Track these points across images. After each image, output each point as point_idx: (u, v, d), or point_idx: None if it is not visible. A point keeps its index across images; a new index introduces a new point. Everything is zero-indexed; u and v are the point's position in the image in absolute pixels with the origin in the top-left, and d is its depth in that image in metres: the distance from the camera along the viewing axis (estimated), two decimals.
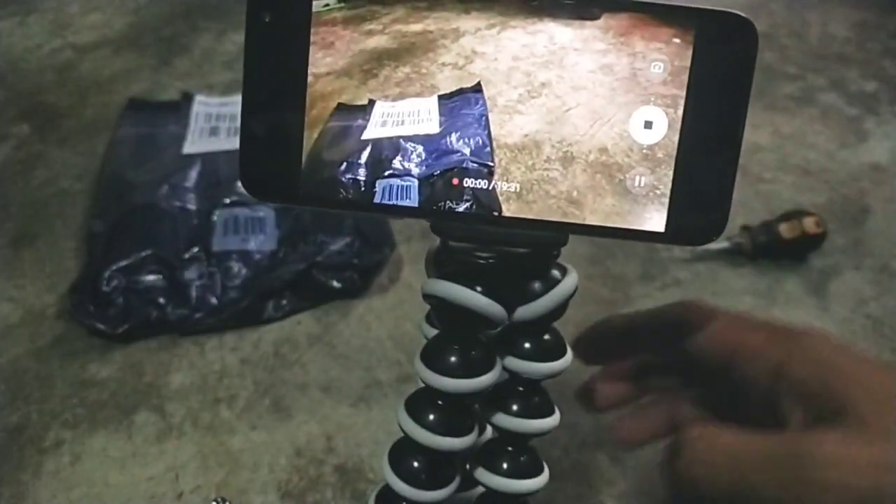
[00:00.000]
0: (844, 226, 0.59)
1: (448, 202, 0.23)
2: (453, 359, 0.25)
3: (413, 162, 0.24)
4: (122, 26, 0.85)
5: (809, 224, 0.55)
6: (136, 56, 0.80)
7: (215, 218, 0.56)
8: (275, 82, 0.23)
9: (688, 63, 0.22)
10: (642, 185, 0.23)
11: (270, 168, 0.23)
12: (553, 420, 0.27)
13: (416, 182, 0.24)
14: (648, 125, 0.22)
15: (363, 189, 0.24)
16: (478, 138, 0.23)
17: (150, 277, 0.52)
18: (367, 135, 0.24)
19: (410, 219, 0.24)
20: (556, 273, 0.26)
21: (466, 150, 0.24)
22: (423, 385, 0.27)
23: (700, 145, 0.22)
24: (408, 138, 0.24)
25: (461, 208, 0.23)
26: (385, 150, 0.24)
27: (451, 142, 0.24)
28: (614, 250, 0.57)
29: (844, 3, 0.86)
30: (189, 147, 0.64)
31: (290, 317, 0.52)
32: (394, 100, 0.23)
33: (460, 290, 0.24)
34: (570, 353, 0.27)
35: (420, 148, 0.24)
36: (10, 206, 0.62)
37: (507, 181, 0.23)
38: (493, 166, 0.23)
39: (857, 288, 0.55)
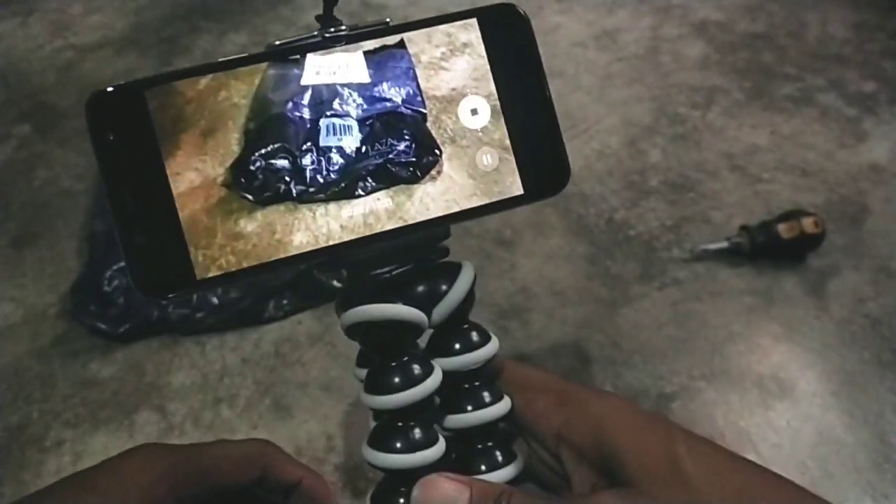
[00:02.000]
0: (843, 226, 0.59)
1: (389, 140, 0.26)
2: (396, 375, 0.26)
3: (351, 105, 0.26)
4: (123, 27, 0.85)
5: (808, 224, 0.55)
6: (137, 56, 0.80)
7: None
8: (139, 187, 0.23)
9: (483, 53, 0.26)
10: (490, 162, 0.25)
11: (164, 265, 0.23)
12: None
13: (355, 123, 0.26)
14: (475, 112, 0.26)
15: (308, 127, 0.25)
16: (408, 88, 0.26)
17: None
18: (305, 81, 0.26)
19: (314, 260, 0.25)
20: (454, 270, 0.27)
21: (398, 99, 0.26)
22: (374, 423, 0.27)
23: (521, 114, 0.26)
24: (343, 85, 0.26)
25: (401, 146, 0.26)
26: (324, 94, 0.26)
27: (383, 90, 0.26)
28: (613, 250, 0.57)
29: (843, 4, 0.86)
30: None
31: (290, 316, 0.53)
32: (322, 54, 0.26)
33: (381, 306, 0.25)
34: (495, 339, 0.28)
35: (355, 94, 0.26)
36: (11, 206, 0.62)
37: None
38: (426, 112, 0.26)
39: (856, 288, 0.55)
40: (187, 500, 0.25)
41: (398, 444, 0.26)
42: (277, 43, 0.25)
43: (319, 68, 0.26)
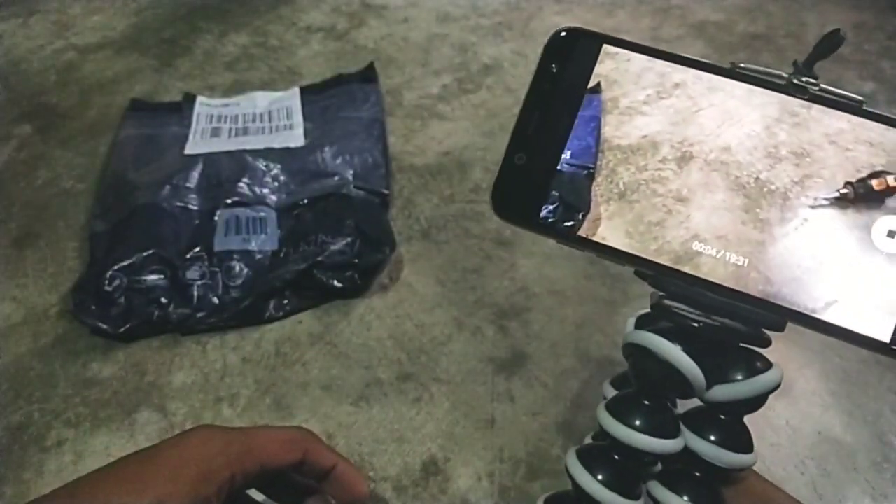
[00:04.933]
0: None
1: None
2: (645, 415, 0.25)
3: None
4: (123, 27, 0.85)
5: None
6: (137, 57, 0.80)
7: (217, 218, 0.57)
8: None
9: None
10: (882, 293, 0.22)
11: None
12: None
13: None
14: (892, 234, 0.23)
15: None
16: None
17: (152, 277, 0.52)
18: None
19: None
20: (759, 364, 0.26)
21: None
22: (592, 441, 0.27)
23: None
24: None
25: (548, 209, 0.25)
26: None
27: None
28: None
29: (842, 5, 0.86)
30: (191, 148, 0.64)
31: (291, 316, 0.53)
32: None
33: (669, 346, 0.24)
34: (755, 454, 0.26)
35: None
36: (12, 207, 0.62)
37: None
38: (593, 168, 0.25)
39: None
40: (238, 476, 0.27)
41: (600, 475, 0.25)
42: (742, 66, 0.24)
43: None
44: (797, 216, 0.23)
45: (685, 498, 0.25)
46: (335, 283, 0.53)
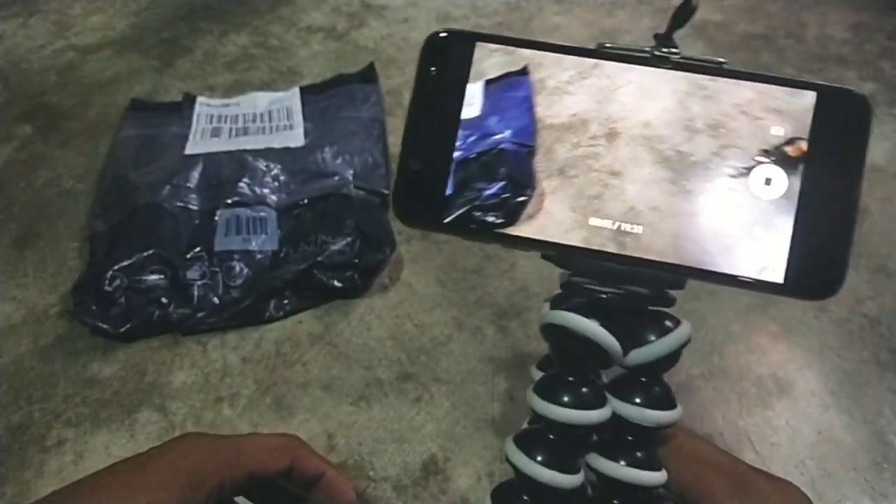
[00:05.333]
0: None
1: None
2: (568, 391, 0.26)
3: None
4: (124, 28, 0.85)
5: None
6: (138, 57, 0.80)
7: (217, 218, 0.57)
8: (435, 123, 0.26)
9: (807, 131, 0.24)
10: (761, 236, 0.24)
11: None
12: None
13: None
14: (768, 182, 0.24)
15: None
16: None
17: (153, 277, 0.52)
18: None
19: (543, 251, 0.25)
20: (670, 323, 0.26)
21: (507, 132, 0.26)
22: (527, 426, 0.27)
23: (819, 203, 0.24)
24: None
25: (493, 189, 0.25)
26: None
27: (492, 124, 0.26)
28: None
29: (842, 5, 0.86)
30: (191, 148, 0.64)
31: (291, 316, 0.53)
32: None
33: (582, 320, 0.25)
34: (679, 408, 0.27)
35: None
36: (12, 207, 0.62)
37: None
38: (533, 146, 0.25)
39: (855, 288, 0.55)
40: (227, 483, 0.27)
41: (539, 455, 0.26)
42: (608, 45, 0.25)
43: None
44: (710, 183, 0.25)
45: (622, 462, 0.26)
46: (335, 283, 0.53)
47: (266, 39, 0.83)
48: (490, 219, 0.25)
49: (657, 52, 0.25)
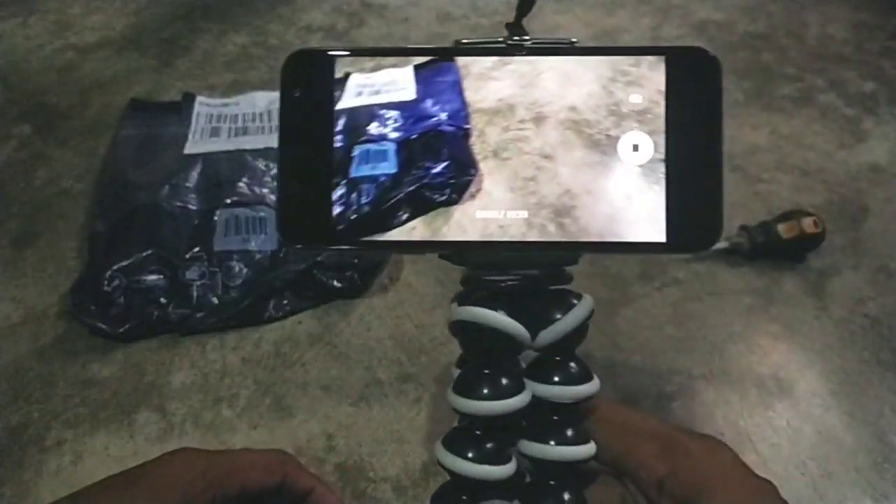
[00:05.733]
0: (843, 226, 0.59)
1: (426, 163, 0.25)
2: (485, 384, 0.26)
3: (389, 127, 0.26)
4: (123, 27, 0.85)
5: (808, 224, 0.55)
6: (137, 57, 0.80)
7: (216, 218, 0.56)
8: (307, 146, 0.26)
9: (662, 92, 0.25)
10: (639, 201, 0.25)
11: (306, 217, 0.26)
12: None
13: (392, 146, 0.26)
14: (636, 148, 0.25)
15: (342, 155, 0.25)
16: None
17: (152, 277, 0.52)
18: (342, 105, 0.26)
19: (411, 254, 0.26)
20: (573, 299, 0.27)
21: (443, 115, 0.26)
22: (455, 425, 0.27)
23: (685, 161, 0.25)
24: (382, 105, 0.26)
25: (438, 168, 0.25)
26: (360, 118, 0.25)
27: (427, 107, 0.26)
28: None
29: (843, 4, 0.86)
30: (190, 147, 0.64)
31: (290, 316, 0.53)
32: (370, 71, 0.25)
33: (486, 312, 0.25)
34: (597, 380, 0.27)
35: (396, 114, 0.26)
36: (11, 206, 0.62)
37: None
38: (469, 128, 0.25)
39: (856, 288, 0.55)
40: (218, 499, 0.27)
41: (469, 453, 0.26)
42: (465, 41, 0.25)
43: (362, 88, 0.26)
44: (583, 155, 0.25)
45: (552, 443, 0.26)
46: (335, 283, 0.53)
47: (265, 39, 0.83)
48: (437, 197, 0.25)
49: (510, 42, 0.25)
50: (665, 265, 0.57)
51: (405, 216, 0.25)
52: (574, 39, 0.26)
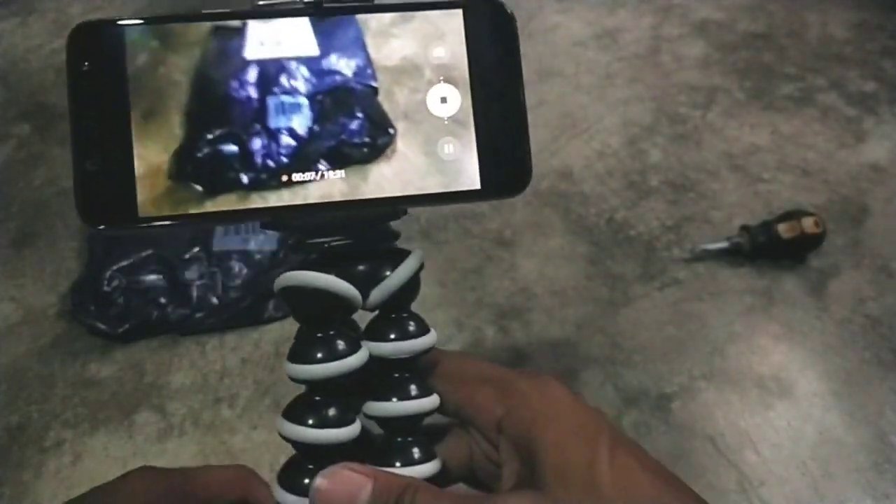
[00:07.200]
0: (843, 226, 0.59)
1: (342, 119, 0.25)
2: (319, 347, 0.25)
3: (299, 81, 0.25)
4: None
5: (808, 224, 0.55)
6: None
7: None
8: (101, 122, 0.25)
9: (463, 44, 0.26)
10: (451, 152, 0.25)
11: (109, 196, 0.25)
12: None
13: (305, 101, 0.25)
14: (444, 100, 0.25)
15: (256, 107, 0.25)
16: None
17: (151, 277, 0.52)
18: (249, 54, 0.25)
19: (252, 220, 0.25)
20: (401, 256, 0.27)
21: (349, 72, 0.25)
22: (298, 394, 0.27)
23: (491, 110, 0.26)
24: (290, 59, 0.25)
25: (354, 125, 0.25)
26: (271, 70, 0.25)
27: (332, 63, 0.25)
28: (613, 250, 0.57)
29: (843, 4, 0.86)
30: None
31: (290, 316, 0.53)
32: (265, 22, 0.25)
33: (312, 274, 0.25)
34: (433, 332, 0.27)
35: (304, 68, 0.25)
36: (11, 206, 0.62)
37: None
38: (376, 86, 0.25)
39: (857, 288, 0.55)
40: None
41: (310, 419, 0.25)
42: (261, 3, 0.25)
43: (263, 39, 0.25)
44: (401, 112, 0.26)
45: (394, 399, 0.26)
46: None
47: None
48: (356, 154, 0.25)
49: (307, 1, 0.25)
50: (665, 265, 0.56)
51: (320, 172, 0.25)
52: None
